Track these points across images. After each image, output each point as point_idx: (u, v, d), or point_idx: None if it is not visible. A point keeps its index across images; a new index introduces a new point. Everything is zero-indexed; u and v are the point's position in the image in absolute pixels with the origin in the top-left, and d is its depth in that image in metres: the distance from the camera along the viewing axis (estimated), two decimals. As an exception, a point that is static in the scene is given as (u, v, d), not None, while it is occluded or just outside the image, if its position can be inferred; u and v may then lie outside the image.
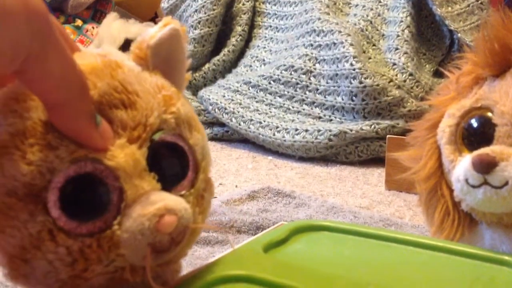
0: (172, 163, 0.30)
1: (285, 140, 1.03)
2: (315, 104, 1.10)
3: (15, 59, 0.24)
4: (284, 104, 1.14)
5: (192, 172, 0.31)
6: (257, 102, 1.18)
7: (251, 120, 1.11)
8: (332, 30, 1.11)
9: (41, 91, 0.26)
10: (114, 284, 0.28)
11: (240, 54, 1.37)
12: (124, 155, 0.27)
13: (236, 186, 0.86)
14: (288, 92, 1.14)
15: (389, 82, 1.03)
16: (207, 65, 1.35)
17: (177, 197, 0.29)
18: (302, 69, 1.12)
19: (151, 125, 0.29)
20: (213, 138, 1.19)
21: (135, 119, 0.28)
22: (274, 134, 1.05)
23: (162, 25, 0.32)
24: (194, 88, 1.34)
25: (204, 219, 0.32)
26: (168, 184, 0.29)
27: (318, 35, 1.14)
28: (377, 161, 0.98)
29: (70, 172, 0.26)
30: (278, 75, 1.16)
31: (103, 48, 0.33)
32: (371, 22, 1.18)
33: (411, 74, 1.05)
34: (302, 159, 1.03)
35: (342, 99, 1.05)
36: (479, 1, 1.19)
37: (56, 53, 0.25)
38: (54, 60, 0.25)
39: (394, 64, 1.07)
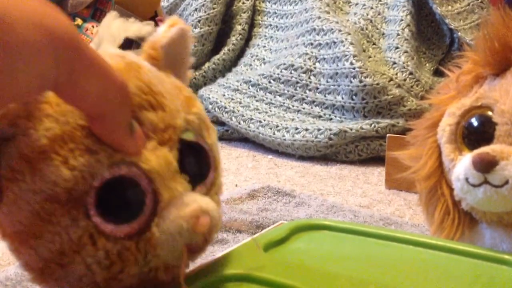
0: (198, 163, 0.31)
1: (285, 139, 1.03)
2: (315, 103, 1.10)
3: (41, 90, 0.24)
4: (284, 103, 1.14)
5: (213, 171, 0.31)
6: (257, 101, 1.17)
7: (251, 119, 1.11)
8: (332, 29, 1.11)
9: (79, 107, 0.26)
10: (144, 284, 0.29)
11: (240, 53, 1.37)
12: (157, 158, 0.28)
13: (236, 185, 0.86)
14: (288, 91, 1.14)
15: (389, 81, 1.03)
16: (207, 64, 1.35)
17: (206, 197, 0.30)
18: (302, 68, 1.12)
19: (180, 127, 0.29)
20: (213, 137, 1.19)
21: (164, 121, 0.28)
22: (274, 133, 1.05)
23: (169, 25, 0.32)
24: (194, 87, 1.34)
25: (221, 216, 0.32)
26: (194, 183, 0.30)
27: (318, 34, 1.14)
28: (377, 160, 0.98)
29: (106, 175, 0.26)
30: (278, 74, 1.16)
31: (103, 47, 0.33)
32: (371, 21, 1.18)
33: (411, 73, 1.05)
34: (302, 158, 1.03)
35: (342, 98, 1.05)
36: (479, 0, 1.19)
37: (90, 72, 0.24)
38: (88, 81, 0.24)
39: (394, 63, 1.07)
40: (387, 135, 0.86)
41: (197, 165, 0.31)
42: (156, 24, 2.58)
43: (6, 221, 0.27)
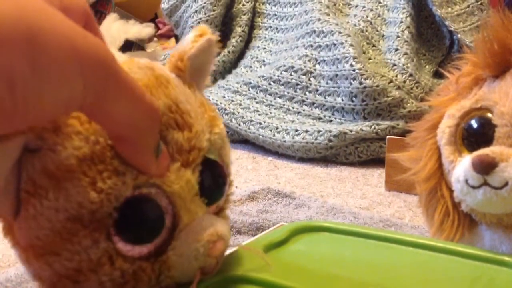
0: (215, 182, 0.31)
1: (285, 141, 1.03)
2: (315, 105, 1.10)
3: (67, 111, 0.24)
4: (284, 105, 1.14)
5: (228, 189, 0.32)
6: (257, 103, 1.18)
7: (251, 120, 1.11)
8: (332, 31, 1.11)
9: (107, 128, 0.25)
10: None
11: (240, 55, 1.37)
12: (180, 180, 0.27)
13: (236, 187, 0.86)
14: (288, 93, 1.14)
15: (389, 82, 1.03)
16: (207, 66, 1.35)
17: (220, 219, 0.30)
18: (302, 70, 1.12)
19: (204, 149, 0.29)
20: (213, 139, 1.19)
21: (190, 142, 0.28)
22: (274, 135, 1.05)
23: (198, 34, 0.31)
24: (194, 89, 1.34)
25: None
26: (211, 201, 0.30)
27: (318, 36, 1.14)
28: (377, 161, 0.98)
29: (128, 194, 0.26)
30: (278, 76, 1.16)
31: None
32: (371, 23, 1.18)
33: (411, 75, 1.05)
34: (302, 159, 1.03)
35: (342, 100, 1.05)
36: (479, 2, 1.19)
37: (119, 97, 0.24)
38: (117, 104, 0.24)
39: (394, 65, 1.07)
40: (387, 137, 0.86)
41: (215, 184, 0.31)
42: (156, 26, 2.58)
43: (22, 234, 0.27)
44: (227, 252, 0.36)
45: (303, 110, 1.11)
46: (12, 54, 0.20)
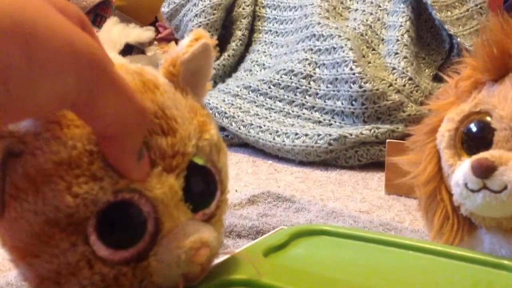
0: (204, 188, 0.30)
1: (285, 145, 1.03)
2: (315, 108, 1.10)
3: (59, 107, 0.24)
4: (284, 108, 1.14)
5: (219, 195, 0.31)
6: (257, 106, 1.18)
7: (251, 124, 1.11)
8: (331, 35, 1.11)
9: (94, 126, 0.26)
10: None
11: (240, 58, 1.37)
12: (161, 186, 0.27)
13: (236, 191, 0.86)
14: (288, 96, 1.14)
15: (388, 86, 1.03)
16: (207, 70, 1.35)
17: (208, 225, 0.29)
18: (302, 73, 1.12)
19: (189, 154, 0.29)
20: (213, 143, 1.19)
21: (174, 147, 0.28)
22: (274, 139, 1.05)
23: (194, 38, 0.31)
24: (194, 93, 1.34)
25: (222, 236, 0.32)
26: (198, 208, 0.29)
27: (318, 40, 1.14)
28: (376, 165, 0.98)
29: (109, 199, 0.26)
30: (278, 80, 1.16)
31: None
32: (370, 27, 1.18)
33: (410, 79, 1.05)
34: (302, 163, 1.03)
35: (342, 104, 1.05)
36: (478, 6, 1.19)
37: (110, 95, 0.24)
38: (107, 102, 0.24)
39: (394, 68, 1.07)
40: (387, 140, 0.86)
41: (202, 190, 0.30)
42: (157, 30, 2.58)
43: (6, 235, 0.27)
44: (224, 257, 0.36)
45: (303, 113, 1.12)
46: (9, 47, 0.21)
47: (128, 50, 1.72)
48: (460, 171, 0.40)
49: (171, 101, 0.29)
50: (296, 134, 1.03)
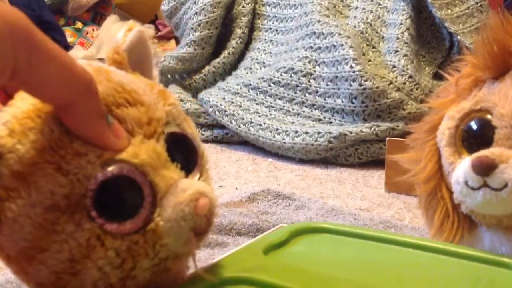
0: (185, 153, 0.31)
1: (285, 142, 1.03)
2: (315, 106, 1.10)
3: (2, 71, 0.24)
4: (284, 106, 1.14)
5: (200, 158, 0.32)
6: (257, 104, 1.18)
7: (251, 122, 1.11)
8: (332, 33, 1.11)
9: (45, 97, 0.26)
10: (157, 278, 0.29)
11: (240, 56, 1.37)
12: (146, 150, 0.28)
13: (236, 188, 0.86)
14: (288, 94, 1.14)
15: (389, 84, 1.03)
16: (207, 68, 1.35)
17: (199, 181, 0.30)
18: (302, 71, 1.12)
19: (162, 118, 0.30)
20: (213, 140, 1.19)
21: (147, 114, 0.29)
22: (274, 136, 1.05)
23: (127, 29, 0.33)
24: (194, 91, 1.34)
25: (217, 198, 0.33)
26: (186, 172, 0.30)
27: (318, 38, 1.14)
28: (377, 163, 0.98)
29: (99, 177, 0.27)
30: (278, 78, 1.16)
31: (103, 50, 0.34)
32: (371, 25, 1.18)
33: (410, 77, 1.05)
34: (302, 161, 1.03)
35: (342, 102, 1.05)
36: (479, 4, 1.19)
37: (48, 58, 0.25)
38: (48, 66, 0.25)
39: (394, 66, 1.07)
40: (387, 138, 0.86)
41: (185, 155, 0.31)
42: (156, 28, 2.58)
43: (9, 242, 0.27)
44: (227, 253, 0.36)
45: (303, 111, 1.12)
46: None
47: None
48: (461, 169, 0.40)
49: (126, 79, 0.30)
50: (296, 132, 1.03)
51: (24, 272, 0.28)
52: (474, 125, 0.41)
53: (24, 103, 0.28)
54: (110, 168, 0.27)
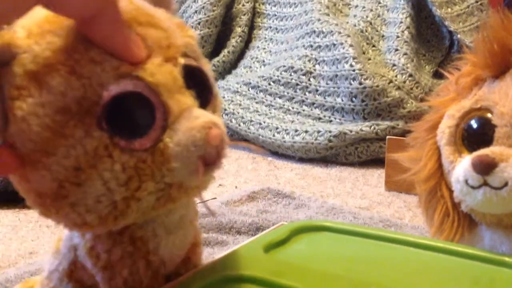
0: (202, 88, 0.30)
1: (285, 141, 1.03)
2: (315, 105, 1.10)
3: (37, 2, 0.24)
4: (284, 105, 1.14)
5: (214, 98, 0.31)
6: (257, 103, 1.18)
7: (251, 121, 1.11)
8: (332, 31, 1.11)
9: (71, 10, 0.26)
10: (159, 206, 0.29)
11: (240, 55, 1.37)
12: (163, 72, 0.28)
13: (236, 187, 0.86)
14: (288, 93, 1.14)
15: (388, 83, 1.03)
16: (207, 66, 1.35)
17: (212, 113, 0.30)
18: (302, 70, 1.12)
19: (181, 46, 0.29)
20: (213, 139, 1.19)
21: (167, 39, 0.29)
22: (274, 135, 1.06)
23: None
24: (194, 89, 1.34)
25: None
26: (200, 105, 0.30)
27: (318, 36, 1.14)
28: (377, 162, 0.98)
29: (113, 89, 0.26)
30: (278, 76, 1.16)
31: None
32: (370, 23, 1.18)
33: (410, 75, 1.05)
34: (302, 160, 1.03)
35: (342, 100, 1.05)
36: (479, 2, 1.19)
37: None
38: None
39: (394, 65, 1.07)
40: (387, 137, 0.86)
41: (200, 89, 0.30)
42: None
43: (16, 142, 0.27)
44: (227, 252, 0.36)
45: (303, 110, 1.12)
46: None
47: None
48: (461, 167, 0.40)
49: (147, 5, 0.30)
50: (296, 130, 1.03)
51: (26, 179, 0.28)
52: (474, 124, 0.41)
53: (44, 11, 0.27)
54: (125, 82, 0.27)
